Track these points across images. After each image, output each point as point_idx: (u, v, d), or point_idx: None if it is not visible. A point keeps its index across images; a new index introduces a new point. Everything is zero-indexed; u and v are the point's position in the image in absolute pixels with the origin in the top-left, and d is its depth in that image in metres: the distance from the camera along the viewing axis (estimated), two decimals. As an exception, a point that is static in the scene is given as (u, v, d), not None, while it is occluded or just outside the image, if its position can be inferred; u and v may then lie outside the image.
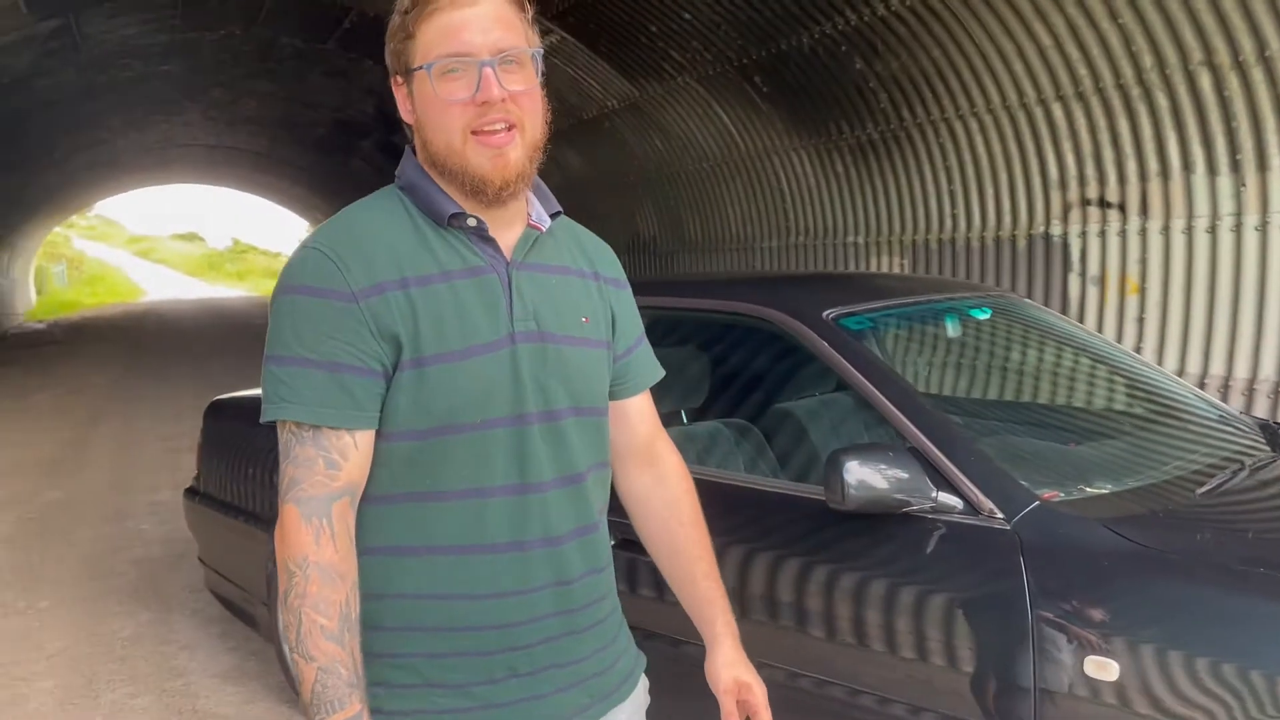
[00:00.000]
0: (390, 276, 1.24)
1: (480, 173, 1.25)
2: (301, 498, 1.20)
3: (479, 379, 1.25)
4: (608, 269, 1.45)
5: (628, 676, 1.45)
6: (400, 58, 1.28)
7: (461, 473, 1.26)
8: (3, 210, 19.87)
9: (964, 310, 2.74)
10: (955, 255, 7.86)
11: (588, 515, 1.35)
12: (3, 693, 3.63)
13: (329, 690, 1.16)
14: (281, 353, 1.23)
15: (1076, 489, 2.10)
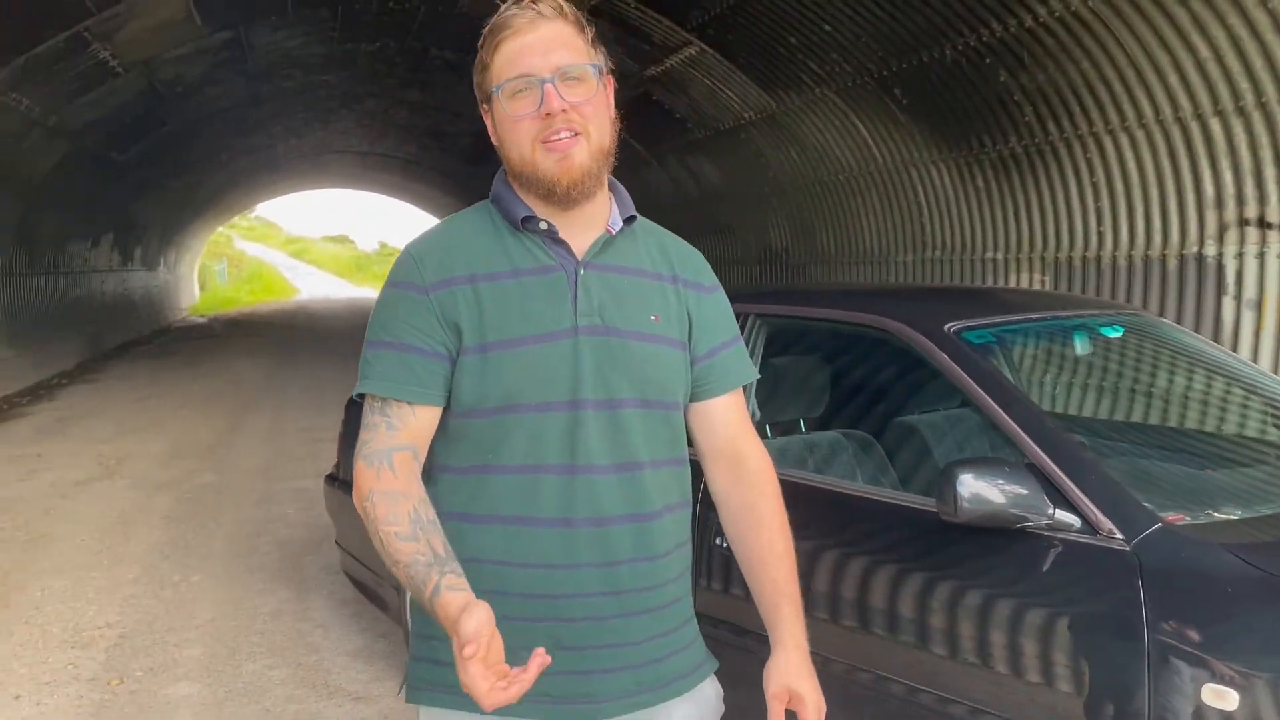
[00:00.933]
0: (461, 273, 1.41)
1: (550, 175, 1.39)
2: (366, 452, 1.39)
3: (536, 365, 1.38)
4: (690, 273, 1.54)
5: (689, 673, 1.48)
6: (482, 88, 1.44)
7: (519, 449, 1.39)
8: (173, 210, 21.25)
9: (1094, 328, 2.67)
10: (1100, 274, 7.58)
11: (644, 504, 1.42)
12: (158, 657, 3.92)
13: (415, 579, 1.28)
14: (370, 337, 1.44)
15: (1203, 513, 2.03)
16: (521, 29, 1.38)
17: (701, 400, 1.52)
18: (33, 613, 4.40)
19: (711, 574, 2.57)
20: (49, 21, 9.01)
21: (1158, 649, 1.77)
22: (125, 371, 13.92)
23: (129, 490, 6.68)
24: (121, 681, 3.69)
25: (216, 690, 3.61)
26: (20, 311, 12.60)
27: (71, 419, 9.79)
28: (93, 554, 5.25)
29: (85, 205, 15.05)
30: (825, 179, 10.96)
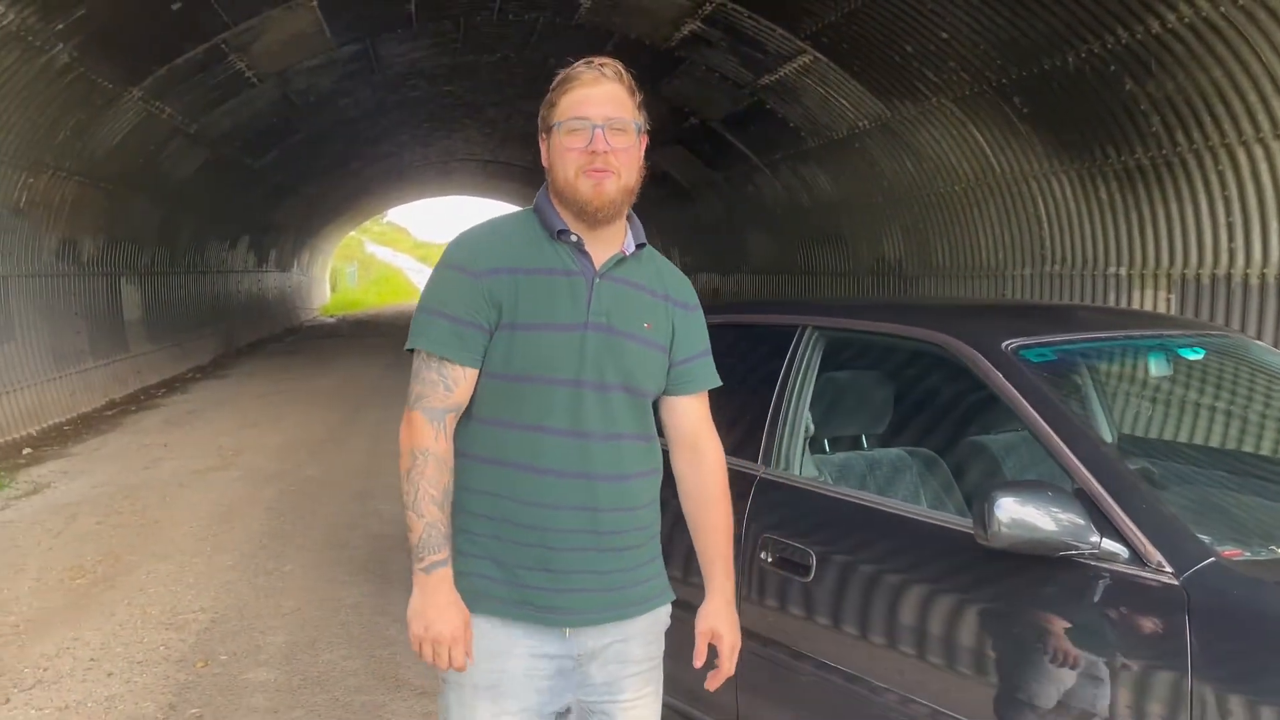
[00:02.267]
0: (505, 265, 1.77)
1: (586, 197, 1.75)
2: (427, 407, 1.74)
3: (552, 347, 1.74)
4: (679, 294, 1.90)
5: (649, 599, 1.86)
6: (545, 121, 1.80)
7: (530, 411, 1.75)
8: (306, 214, 22.20)
9: (1172, 349, 2.52)
10: (1231, 292, 7.16)
11: (623, 466, 1.79)
12: (244, 642, 4.08)
13: (431, 539, 1.71)
14: (428, 305, 1.78)
15: (1266, 549, 1.88)
16: (587, 82, 1.76)
17: (674, 396, 1.89)
18: (136, 594, 4.65)
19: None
20: (189, 34, 9.53)
21: (1201, 691, 1.66)
22: (255, 367, 14.60)
23: (240, 481, 6.99)
24: (206, 664, 3.86)
25: (292, 677, 3.73)
26: (162, 309, 13.35)
27: (199, 411, 10.32)
28: (198, 540, 5.51)
29: (223, 209, 15.87)
30: (941, 189, 10.68)
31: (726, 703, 2.64)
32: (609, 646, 1.82)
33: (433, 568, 1.70)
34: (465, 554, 1.77)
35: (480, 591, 1.76)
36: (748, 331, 3.04)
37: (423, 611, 1.70)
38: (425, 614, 1.70)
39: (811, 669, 2.39)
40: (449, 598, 1.71)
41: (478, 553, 1.77)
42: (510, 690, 1.76)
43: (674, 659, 2.77)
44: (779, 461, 2.66)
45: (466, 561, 1.77)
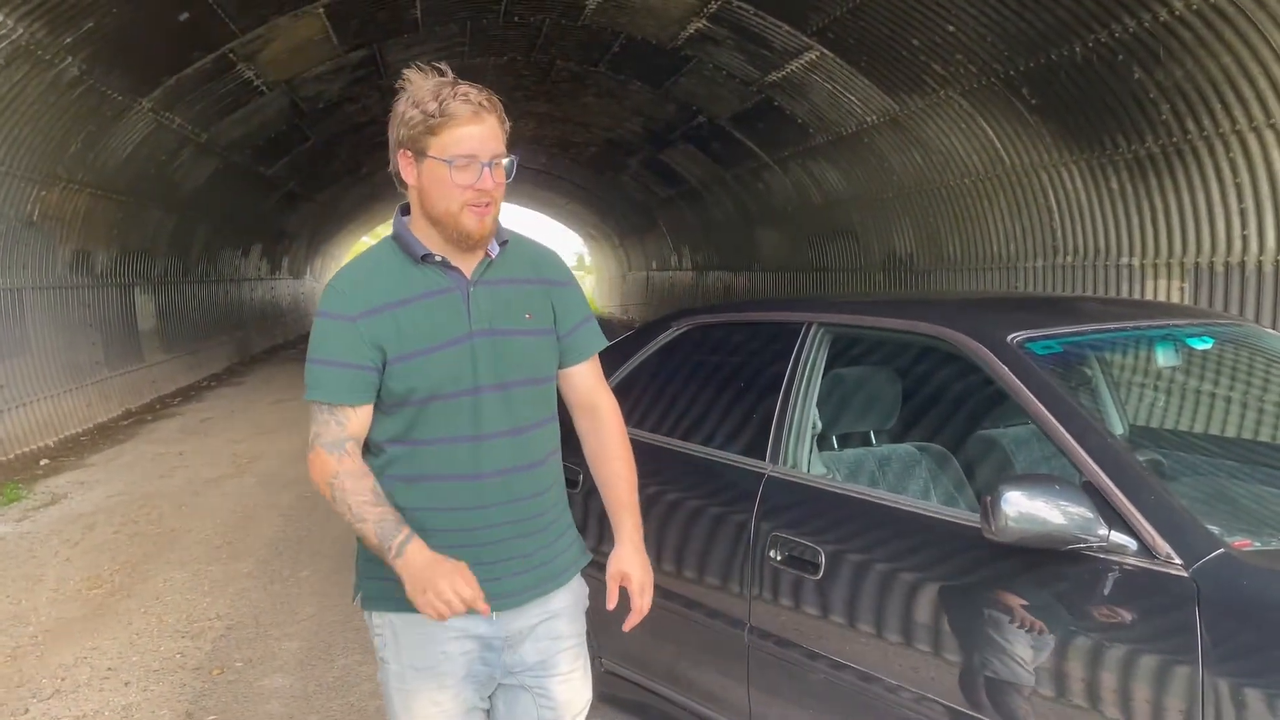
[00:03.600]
0: (378, 303, 1.83)
1: (469, 230, 1.83)
2: (324, 442, 1.82)
3: (445, 365, 1.83)
4: (551, 273, 1.99)
5: (567, 568, 1.99)
6: (417, 143, 1.81)
7: (435, 427, 1.84)
8: (318, 221, 22.29)
9: (1181, 338, 2.50)
10: (1245, 280, 7.11)
11: (533, 455, 1.91)
12: (260, 649, 4.10)
13: (386, 529, 1.75)
14: (314, 355, 1.85)
15: (1277, 538, 1.87)
16: (469, 119, 1.79)
17: (567, 367, 2.00)
18: (153, 602, 4.67)
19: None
20: (197, 44, 9.58)
21: (1213, 682, 1.64)
22: (269, 374, 14.67)
23: (256, 488, 7.03)
24: (222, 671, 3.88)
25: (308, 684, 3.75)
26: (176, 318, 13.43)
27: (214, 419, 10.37)
28: (214, 548, 5.54)
29: (234, 217, 15.94)
30: (951, 183, 10.64)
31: (739, 701, 2.63)
32: (538, 625, 1.93)
33: (402, 548, 1.74)
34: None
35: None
36: (754, 329, 3.03)
37: (415, 585, 1.73)
38: (417, 584, 1.72)
39: (823, 667, 2.38)
40: (428, 557, 1.73)
41: None
42: (448, 668, 1.87)
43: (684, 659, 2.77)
44: (787, 459, 2.65)
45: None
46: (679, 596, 2.77)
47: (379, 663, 1.94)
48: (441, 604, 1.71)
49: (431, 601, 1.71)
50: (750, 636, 2.57)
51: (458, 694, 1.89)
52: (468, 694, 1.90)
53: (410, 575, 1.73)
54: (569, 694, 1.98)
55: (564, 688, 1.97)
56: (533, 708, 1.97)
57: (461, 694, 1.90)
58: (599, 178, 22.30)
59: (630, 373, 3.21)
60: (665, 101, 14.74)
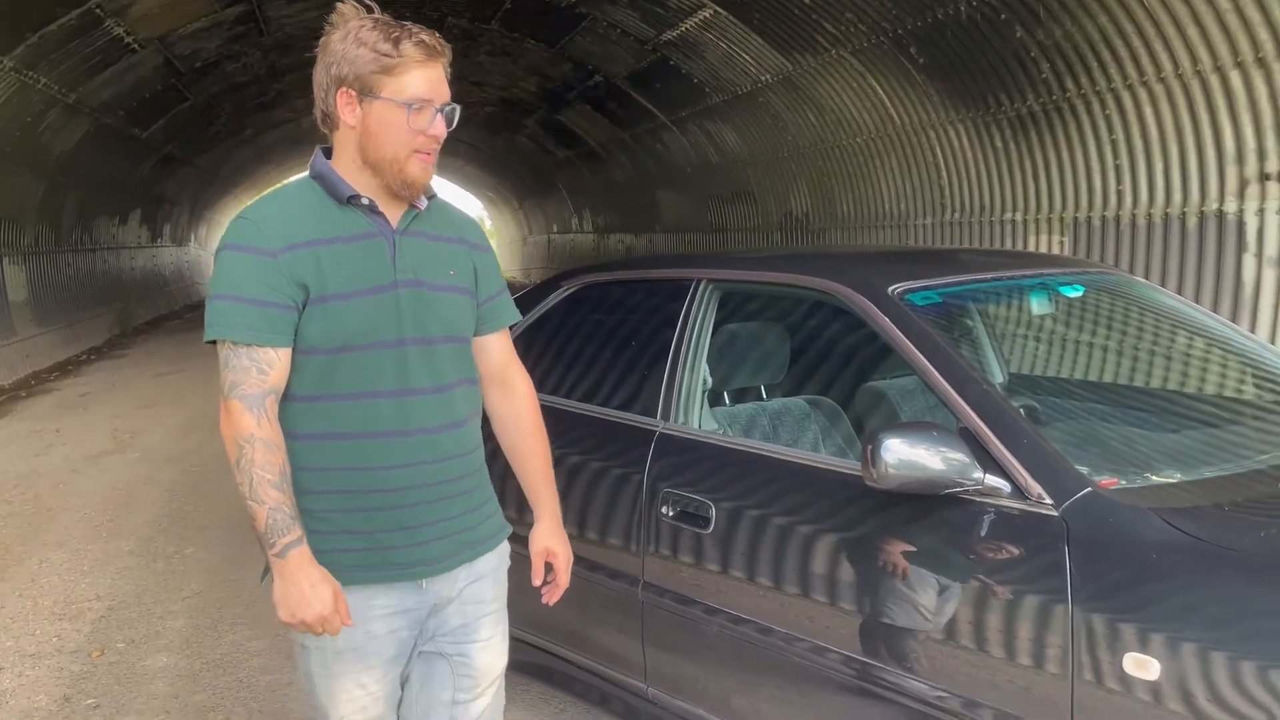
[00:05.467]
0: (300, 239, 1.70)
1: (414, 177, 1.74)
2: (243, 394, 1.66)
3: (367, 313, 1.71)
4: (474, 237, 1.93)
5: (492, 536, 1.92)
6: (366, 82, 1.70)
7: (357, 379, 1.73)
8: (201, 186, 21.44)
9: (1054, 287, 2.57)
10: (1120, 234, 7.39)
11: (456, 414, 1.82)
12: (143, 628, 3.95)
13: (278, 523, 1.63)
14: (225, 291, 1.68)
15: (1141, 476, 1.95)
16: (425, 62, 1.71)
17: (481, 335, 1.93)
18: (28, 585, 4.46)
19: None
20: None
21: (1081, 616, 1.71)
22: (153, 347, 14.10)
23: (138, 464, 6.76)
24: (103, 653, 3.73)
25: (194, 661, 3.62)
26: (48, 289, 12.77)
27: (94, 394, 9.93)
28: (93, 527, 5.31)
29: (110, 183, 15.20)
30: (844, 142, 10.78)
31: (635, 658, 2.64)
32: (463, 589, 1.87)
33: (286, 550, 1.63)
34: (316, 532, 1.72)
35: (339, 565, 1.72)
36: (643, 287, 3.01)
37: (286, 599, 1.65)
38: (289, 601, 1.64)
39: (715, 620, 2.39)
40: (311, 577, 1.64)
41: (329, 529, 1.74)
42: (373, 649, 1.79)
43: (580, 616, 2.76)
44: (678, 416, 2.65)
45: (320, 539, 1.72)
46: (578, 558, 2.75)
47: (299, 650, 1.83)
48: (302, 630, 1.67)
49: (294, 625, 1.65)
50: (644, 593, 2.57)
51: (385, 675, 1.82)
52: (394, 675, 1.84)
53: (286, 584, 1.64)
54: (488, 660, 1.92)
55: (484, 654, 1.91)
56: (450, 676, 1.89)
57: (388, 675, 1.82)
58: (495, 139, 21.94)
59: (520, 334, 3.16)
60: (561, 60, 14.55)
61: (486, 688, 1.93)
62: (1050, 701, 1.76)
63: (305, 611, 1.64)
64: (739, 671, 2.38)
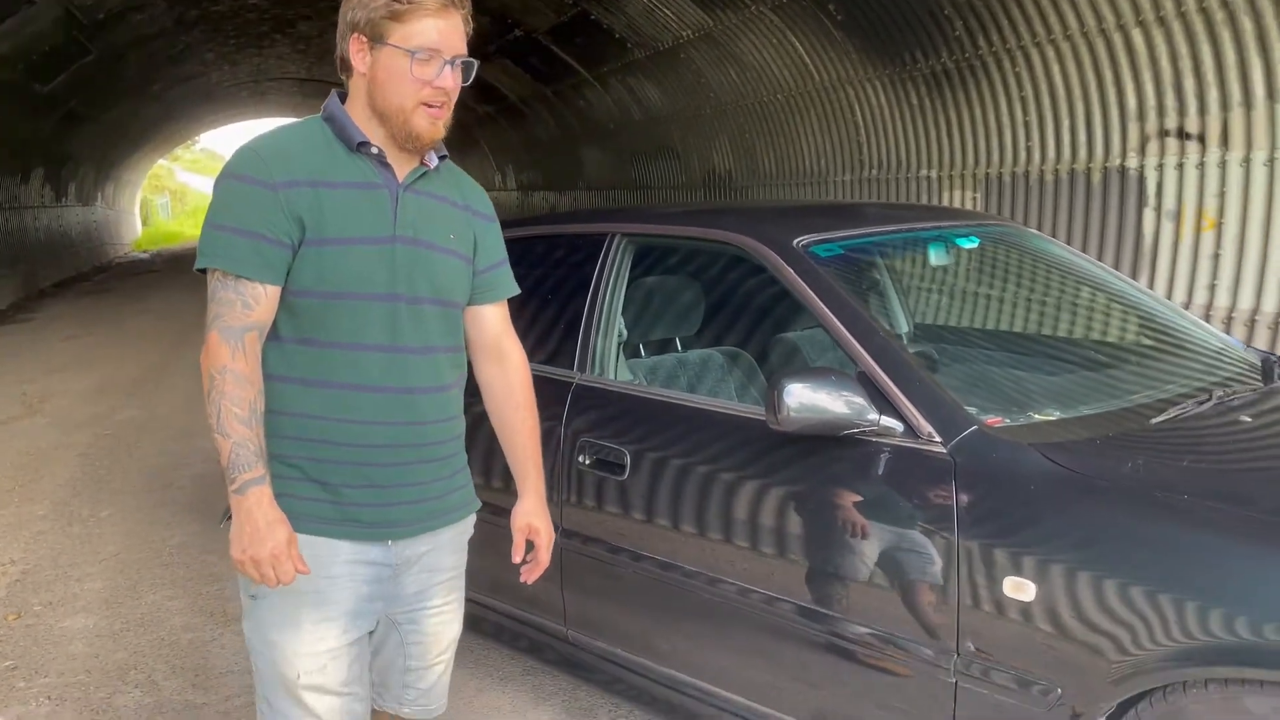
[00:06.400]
0: (303, 177, 1.67)
1: (418, 130, 1.71)
2: (223, 327, 1.64)
3: (362, 262, 1.69)
4: (479, 205, 1.91)
5: (460, 507, 1.91)
6: (376, 28, 1.68)
7: (346, 329, 1.70)
8: (107, 143, 20.66)
9: (951, 239, 2.68)
10: (1029, 189, 7.60)
11: (440, 378, 1.80)
12: (59, 591, 3.90)
13: (240, 458, 1.61)
14: (219, 220, 1.67)
15: (1024, 415, 2.07)
16: (438, 11, 1.67)
17: (476, 305, 1.90)
18: (-64, 552, 4.37)
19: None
20: (-53, -56, 8.61)
21: (965, 544, 1.83)
22: (61, 310, 13.66)
23: (49, 428, 6.60)
24: (19, 616, 3.68)
25: (114, 621, 3.61)
26: (-54, 250, 12.27)
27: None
28: (4, 492, 5.19)
29: (9, 140, 14.56)
30: (765, 99, 10.84)
31: (554, 602, 2.72)
32: (423, 556, 1.84)
33: (246, 486, 1.60)
34: (284, 477, 1.71)
35: (303, 513, 1.70)
36: (559, 241, 3.05)
37: (239, 535, 1.61)
38: (241, 537, 1.61)
39: (630, 561, 2.48)
40: (268, 516, 1.61)
41: (297, 475, 1.72)
42: (334, 596, 1.74)
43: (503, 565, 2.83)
44: (594, 367, 2.71)
45: (287, 484, 1.70)
46: (496, 509, 2.81)
47: (248, 604, 1.77)
48: (253, 572, 1.61)
49: (244, 563, 1.60)
50: (562, 539, 2.64)
51: (345, 631, 1.75)
52: (355, 637, 1.77)
53: (241, 520, 1.60)
54: (438, 628, 1.91)
55: (434, 621, 1.90)
56: (400, 643, 1.90)
57: (349, 633, 1.76)
58: (415, 94, 21.50)
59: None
60: (478, 13, 14.10)
61: (440, 654, 1.93)
62: (942, 626, 1.88)
63: (258, 548, 1.59)
64: (655, 612, 2.47)
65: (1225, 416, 2.12)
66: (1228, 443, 2.06)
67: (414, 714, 1.98)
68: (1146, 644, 1.62)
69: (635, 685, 2.56)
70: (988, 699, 1.82)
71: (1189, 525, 1.66)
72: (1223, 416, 2.12)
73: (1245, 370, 2.44)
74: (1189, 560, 1.62)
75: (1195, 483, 1.77)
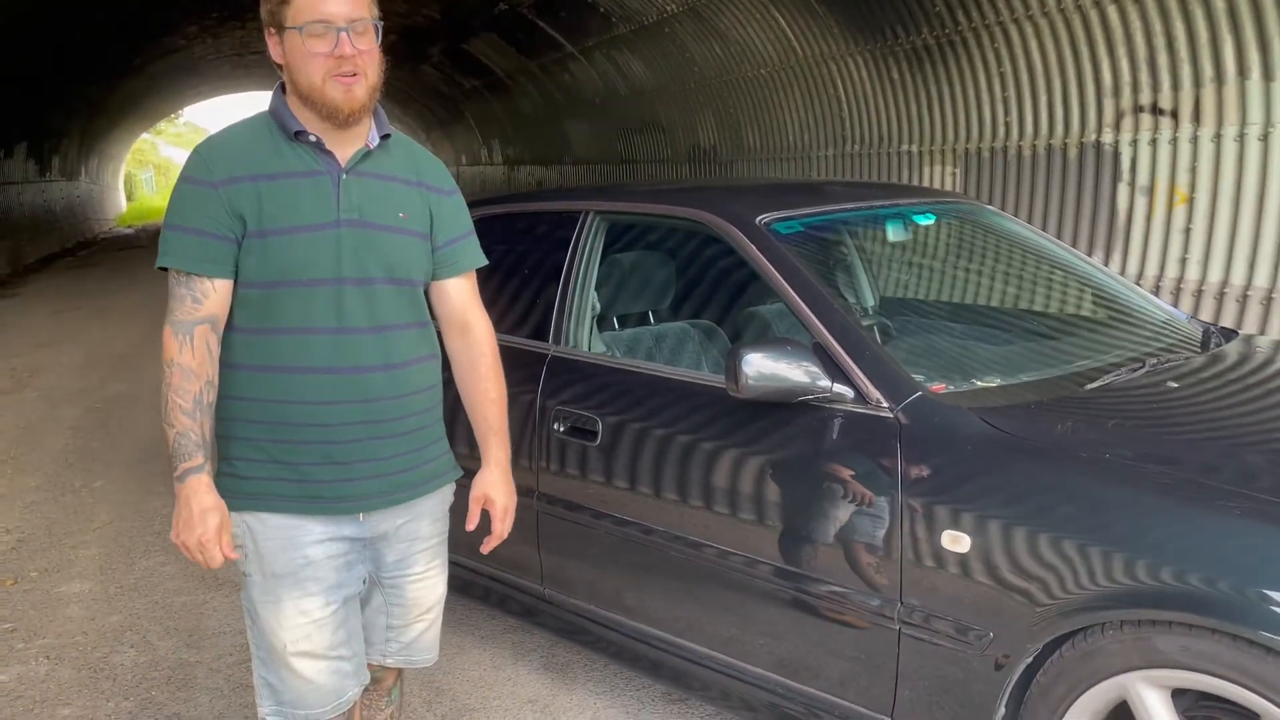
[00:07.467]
0: (243, 173, 1.76)
1: (335, 103, 1.75)
2: (174, 321, 1.75)
3: (305, 249, 1.76)
4: (434, 180, 1.93)
5: (434, 478, 1.97)
6: (275, 16, 1.75)
7: (293, 315, 1.77)
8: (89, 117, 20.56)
9: (908, 215, 2.80)
10: (1007, 164, 7.70)
11: (393, 356, 1.84)
12: (55, 558, 4.02)
13: (182, 447, 1.71)
14: (170, 221, 1.78)
15: (967, 382, 2.20)
16: None
17: (440, 280, 1.94)
18: (-68, 522, 4.47)
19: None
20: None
21: (908, 501, 1.96)
22: (45, 285, 13.69)
23: (39, 402, 6.69)
24: (16, 582, 3.80)
25: (109, 586, 3.73)
26: (-70, 226, 12.25)
27: (-13, 334, 9.67)
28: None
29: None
30: (749, 74, 10.90)
31: (532, 564, 2.85)
32: (401, 526, 1.92)
33: (186, 475, 1.70)
34: (250, 459, 1.81)
35: (271, 493, 1.81)
36: (535, 218, 3.15)
37: (175, 520, 1.73)
38: (177, 522, 1.72)
39: (603, 524, 2.61)
40: (203, 503, 1.70)
41: (262, 458, 1.81)
42: (311, 574, 1.83)
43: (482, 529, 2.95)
44: (568, 340, 2.82)
45: (252, 466, 1.81)
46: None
47: (242, 580, 1.88)
48: (187, 555, 1.73)
49: (179, 546, 1.73)
50: (539, 504, 2.76)
51: (327, 601, 1.84)
52: (339, 602, 1.86)
53: (179, 506, 1.71)
54: (419, 593, 1.99)
55: (416, 587, 1.98)
56: (383, 603, 1.99)
57: (331, 602, 1.84)
58: (399, 68, 21.43)
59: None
60: (464, -12, 14.28)
61: (421, 614, 2.02)
62: (886, 578, 2.01)
63: (187, 534, 1.70)
64: (626, 570, 2.60)
65: (1156, 383, 2.26)
66: (1154, 407, 2.19)
67: (399, 664, 2.09)
68: (1071, 589, 1.75)
69: (608, 640, 2.70)
70: (927, 645, 1.96)
71: (1111, 482, 1.79)
72: (1153, 383, 2.26)
73: (1184, 340, 2.58)
74: (1110, 513, 1.75)
75: (1119, 443, 1.90)
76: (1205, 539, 1.67)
